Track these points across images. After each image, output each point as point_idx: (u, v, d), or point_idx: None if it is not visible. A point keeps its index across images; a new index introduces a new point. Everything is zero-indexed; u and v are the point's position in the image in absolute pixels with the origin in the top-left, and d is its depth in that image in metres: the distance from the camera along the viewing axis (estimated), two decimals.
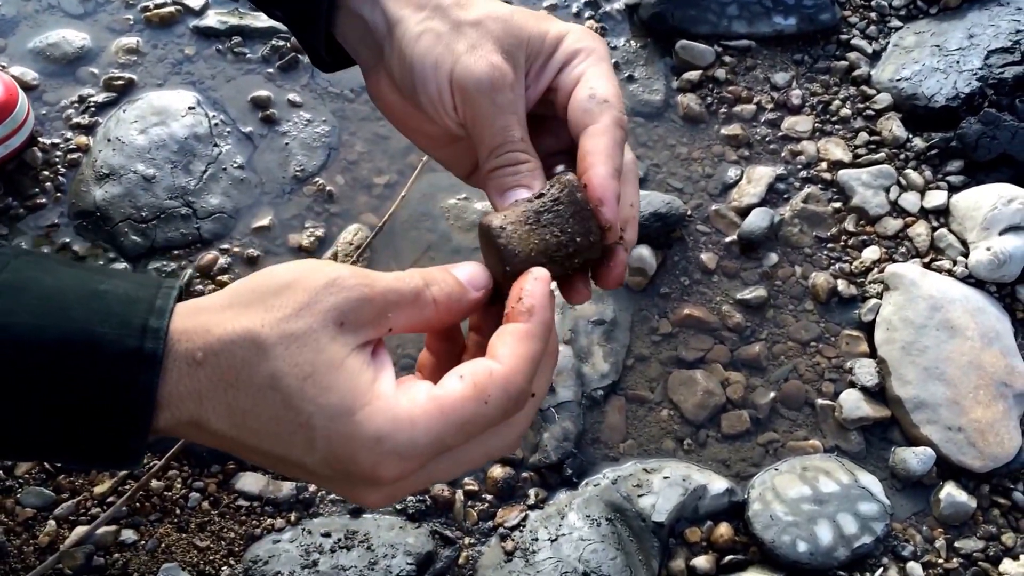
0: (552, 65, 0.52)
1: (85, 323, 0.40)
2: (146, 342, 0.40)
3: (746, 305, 1.07)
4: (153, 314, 0.41)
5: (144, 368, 0.40)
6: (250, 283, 0.43)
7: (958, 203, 1.14)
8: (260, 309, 0.41)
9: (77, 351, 0.40)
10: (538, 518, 0.91)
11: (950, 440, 0.99)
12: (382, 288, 0.43)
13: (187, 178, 1.05)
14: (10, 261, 0.42)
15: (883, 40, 1.30)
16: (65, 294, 0.41)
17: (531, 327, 0.44)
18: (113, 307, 0.41)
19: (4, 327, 0.40)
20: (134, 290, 0.42)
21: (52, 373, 0.40)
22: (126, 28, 1.17)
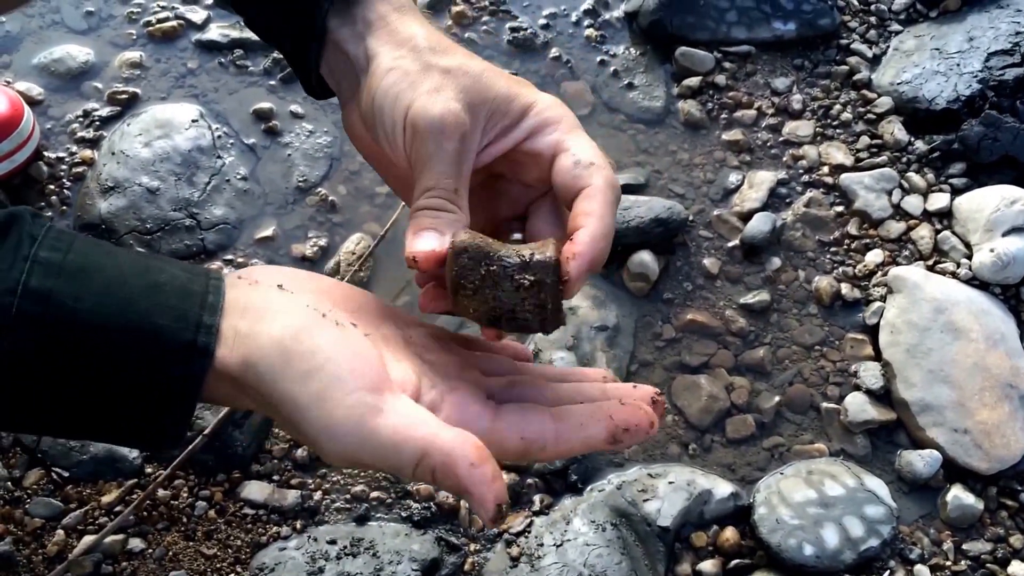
0: (519, 131, 0.53)
1: (147, 315, 0.44)
2: (200, 336, 0.44)
3: (749, 310, 1.07)
4: (206, 310, 0.45)
5: (197, 357, 0.44)
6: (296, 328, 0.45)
7: (961, 205, 1.15)
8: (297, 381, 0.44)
9: (137, 340, 0.43)
10: (543, 524, 0.91)
11: (956, 442, 0.99)
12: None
13: (191, 190, 1.06)
14: (73, 241, 0.45)
15: (883, 44, 1.31)
16: (128, 284, 0.44)
17: None
18: (171, 300, 0.44)
19: (72, 311, 0.43)
20: (187, 282, 0.46)
21: (113, 357, 0.43)
22: (129, 43, 1.19)
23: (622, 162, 1.16)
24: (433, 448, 0.44)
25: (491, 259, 0.48)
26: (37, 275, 0.43)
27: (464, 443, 0.44)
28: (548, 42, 1.26)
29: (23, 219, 0.45)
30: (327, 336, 0.45)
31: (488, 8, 1.28)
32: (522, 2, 1.29)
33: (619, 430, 0.49)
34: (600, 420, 0.49)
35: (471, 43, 1.24)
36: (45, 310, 0.42)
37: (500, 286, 0.48)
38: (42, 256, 0.43)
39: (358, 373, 0.45)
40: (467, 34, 1.25)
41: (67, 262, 0.44)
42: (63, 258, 0.44)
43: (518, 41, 1.25)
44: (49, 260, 0.43)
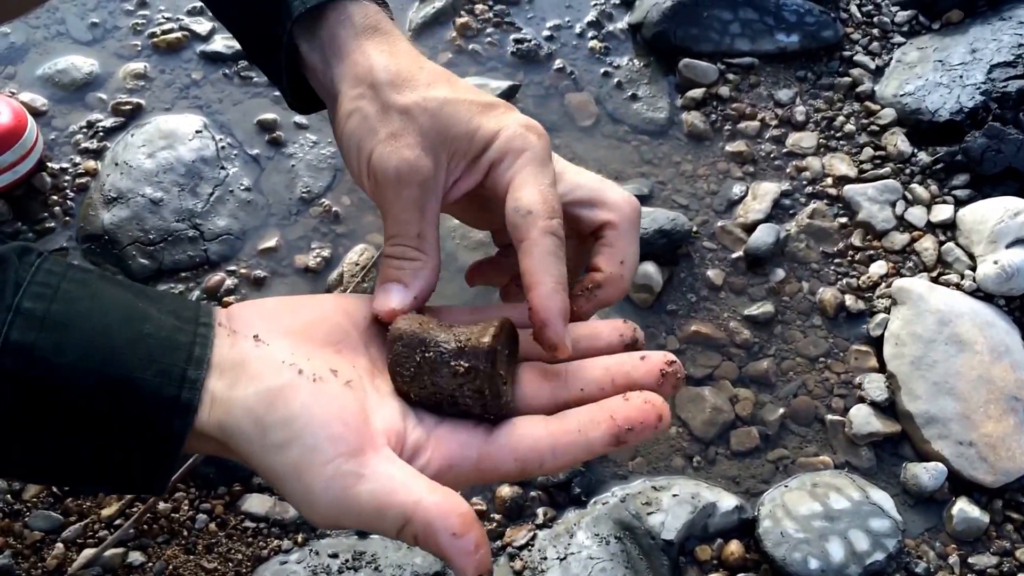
0: (480, 165, 0.51)
1: (129, 369, 0.42)
2: (183, 392, 0.43)
3: (754, 321, 1.06)
4: (191, 364, 0.44)
5: (179, 415, 0.43)
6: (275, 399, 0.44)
7: (964, 217, 1.14)
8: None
9: (119, 395, 0.42)
10: (547, 537, 0.90)
11: (961, 455, 0.98)
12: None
13: (194, 201, 1.06)
14: (60, 284, 0.44)
15: (886, 56, 1.30)
16: (111, 335, 0.43)
17: None
18: (155, 353, 0.43)
19: (54, 366, 0.41)
20: (174, 332, 0.44)
21: (93, 412, 0.42)
22: (134, 54, 1.18)
23: (626, 173, 1.16)
24: (416, 516, 0.43)
25: (427, 345, 0.48)
26: (19, 328, 0.41)
27: (447, 512, 0.43)
28: (552, 53, 1.26)
29: (8, 263, 0.43)
30: (303, 399, 0.44)
31: (492, 20, 1.27)
32: (526, 14, 1.29)
33: (622, 430, 0.46)
34: (600, 423, 0.47)
35: (475, 54, 1.24)
36: (26, 365, 0.41)
37: (437, 372, 0.47)
38: (25, 307, 0.42)
39: (336, 438, 0.43)
40: (471, 46, 1.24)
41: (51, 312, 0.42)
42: (47, 308, 0.42)
43: (522, 52, 1.24)
44: (32, 311, 0.42)
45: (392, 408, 0.48)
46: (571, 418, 0.48)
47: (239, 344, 0.46)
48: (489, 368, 0.47)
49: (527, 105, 1.20)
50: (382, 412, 0.47)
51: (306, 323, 0.49)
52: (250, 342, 0.46)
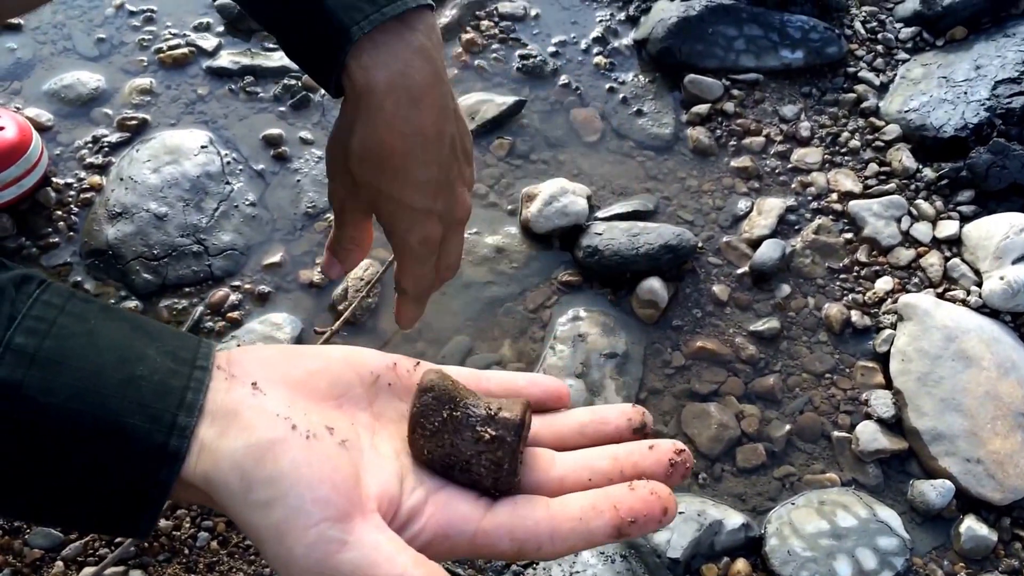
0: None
1: (119, 414, 0.41)
2: (172, 440, 0.41)
3: (759, 337, 1.05)
4: (183, 410, 0.42)
5: (167, 463, 0.41)
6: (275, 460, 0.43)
7: (970, 233, 1.12)
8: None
9: (107, 439, 0.41)
10: None
11: (969, 472, 0.96)
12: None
13: (199, 216, 1.04)
14: (56, 319, 0.42)
15: (890, 72, 1.29)
16: (102, 376, 0.42)
17: None
18: (146, 398, 0.42)
19: (41, 406, 0.40)
20: (168, 376, 0.43)
21: (80, 456, 0.41)
22: (140, 70, 1.17)
23: (631, 188, 1.15)
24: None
25: (456, 405, 0.46)
26: (7, 365, 0.40)
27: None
28: (557, 69, 1.25)
29: (4, 294, 0.42)
30: (293, 457, 0.42)
31: (498, 36, 1.26)
32: (532, 30, 1.28)
33: (625, 523, 0.45)
34: (603, 512, 0.45)
35: (481, 70, 1.23)
36: (12, 404, 0.40)
37: (460, 434, 0.46)
38: (16, 343, 0.41)
39: (323, 501, 0.41)
40: (477, 61, 1.24)
41: (42, 349, 0.41)
42: (39, 344, 0.41)
43: (527, 68, 1.23)
44: (23, 348, 0.41)
45: (389, 471, 0.46)
46: (573, 503, 0.46)
47: (235, 390, 0.44)
48: (515, 442, 0.46)
49: (532, 120, 1.19)
50: (377, 474, 0.45)
51: (308, 373, 0.47)
52: (247, 389, 0.44)
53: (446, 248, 0.67)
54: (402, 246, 0.64)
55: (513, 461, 0.46)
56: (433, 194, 0.63)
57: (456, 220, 0.66)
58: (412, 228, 0.63)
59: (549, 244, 1.09)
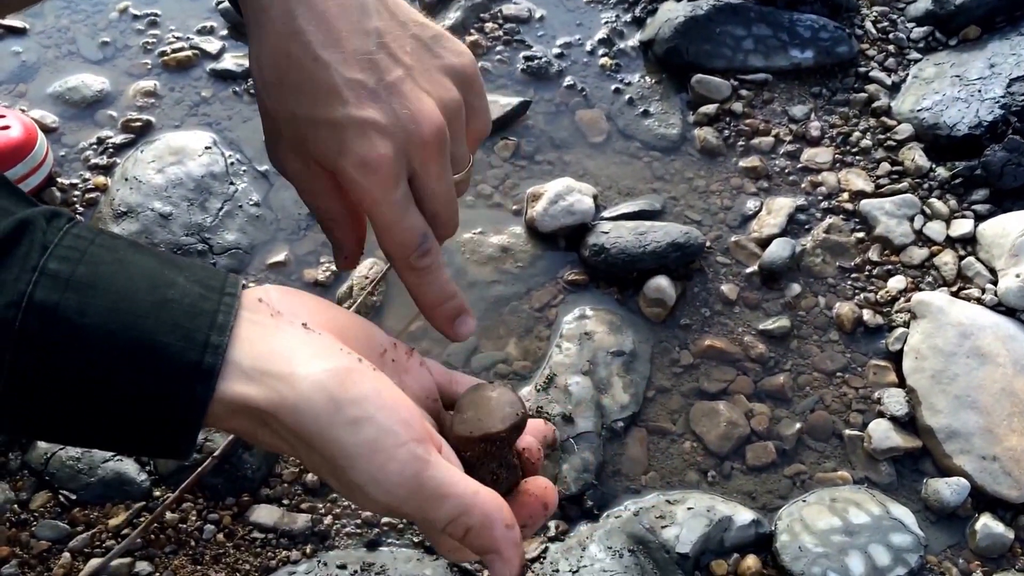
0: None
1: (152, 333, 0.44)
2: (206, 357, 0.45)
3: (769, 336, 1.10)
4: (215, 330, 0.45)
5: (202, 379, 0.45)
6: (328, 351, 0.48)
7: (985, 231, 1.18)
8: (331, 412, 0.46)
9: (142, 359, 0.44)
10: (559, 550, 0.94)
11: (984, 470, 1.01)
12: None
13: (203, 215, 1.11)
14: (88, 248, 0.46)
15: (902, 72, 1.36)
16: (136, 299, 0.45)
17: None
18: (179, 318, 0.45)
19: (78, 327, 0.43)
20: (199, 299, 0.46)
21: (117, 375, 0.44)
22: (144, 72, 1.25)
23: (637, 189, 1.21)
24: (474, 507, 0.47)
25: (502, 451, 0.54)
26: (43, 288, 0.43)
27: (501, 506, 0.48)
28: (562, 71, 1.32)
29: (35, 226, 0.45)
30: (371, 384, 0.47)
31: (502, 38, 1.33)
32: (536, 32, 1.35)
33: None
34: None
35: (485, 72, 1.30)
36: (50, 326, 0.43)
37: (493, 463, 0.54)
38: (51, 268, 0.44)
39: (406, 423, 0.47)
40: (481, 63, 1.31)
41: (76, 275, 0.44)
42: (72, 270, 0.44)
43: (532, 70, 1.30)
44: (57, 272, 0.44)
45: (429, 417, 0.52)
46: None
47: (287, 327, 0.48)
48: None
49: (537, 121, 1.26)
50: (426, 416, 0.52)
51: (342, 326, 0.52)
52: (299, 328, 0.49)
53: (424, 187, 0.55)
54: (345, 181, 0.54)
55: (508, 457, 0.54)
56: (359, 100, 0.52)
57: (415, 138, 0.53)
58: (343, 150, 0.53)
59: (555, 243, 1.15)
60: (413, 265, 0.56)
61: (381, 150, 0.52)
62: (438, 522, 0.47)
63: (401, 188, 0.54)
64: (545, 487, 0.55)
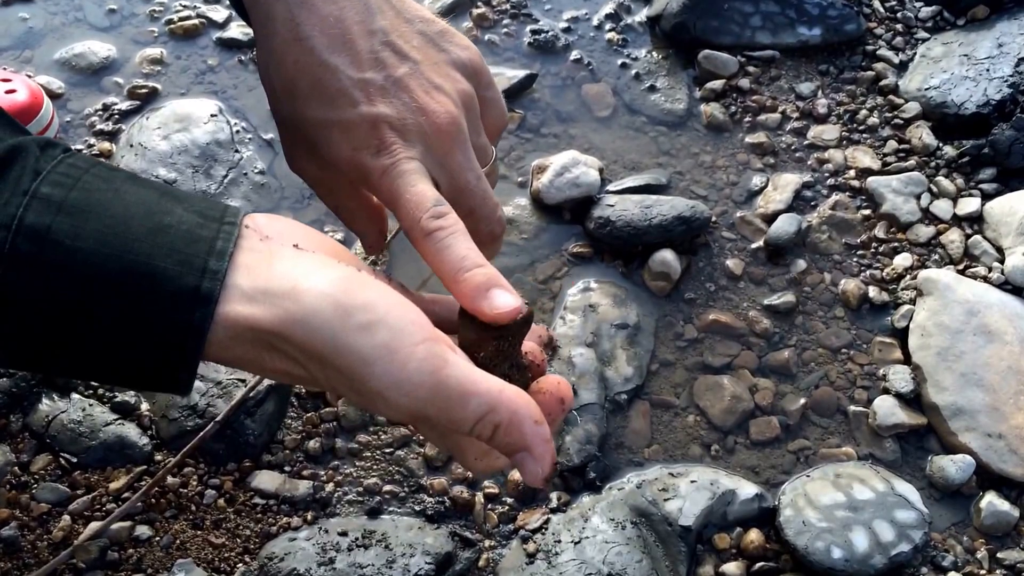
0: None
1: (148, 257, 0.42)
2: (204, 282, 0.42)
3: (774, 311, 1.08)
4: (213, 256, 0.43)
5: (200, 304, 0.42)
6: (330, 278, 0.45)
7: (992, 210, 1.15)
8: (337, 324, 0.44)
9: (138, 283, 0.42)
10: (560, 521, 0.91)
11: (990, 448, 0.98)
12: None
13: (208, 182, 1.08)
14: (82, 176, 0.44)
15: (910, 51, 1.33)
16: (131, 224, 0.43)
17: None
18: (176, 244, 0.43)
19: (70, 250, 0.41)
20: (196, 227, 0.44)
21: (112, 300, 0.42)
22: (150, 40, 1.22)
23: (643, 163, 1.18)
24: (501, 404, 0.44)
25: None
26: (35, 211, 0.41)
27: (528, 402, 0.46)
28: (569, 45, 1.28)
29: (28, 152, 0.43)
30: (376, 290, 0.45)
31: (509, 11, 1.30)
32: (543, 6, 1.32)
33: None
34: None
35: (492, 45, 1.27)
36: (41, 248, 0.41)
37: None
38: (43, 192, 0.42)
39: (419, 324, 0.44)
40: (488, 36, 1.28)
41: (69, 199, 0.42)
42: (65, 195, 0.42)
43: (539, 43, 1.27)
44: (50, 196, 0.42)
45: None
46: None
47: (279, 249, 0.46)
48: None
49: (544, 95, 1.23)
50: None
51: (332, 250, 0.50)
52: (291, 249, 0.46)
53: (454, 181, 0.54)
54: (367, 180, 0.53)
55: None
56: (369, 98, 0.52)
57: (430, 131, 0.53)
58: (359, 147, 0.52)
59: (560, 216, 1.12)
60: (425, 228, 0.50)
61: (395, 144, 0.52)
62: (465, 422, 0.44)
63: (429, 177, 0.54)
64: (558, 383, 0.52)
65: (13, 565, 0.83)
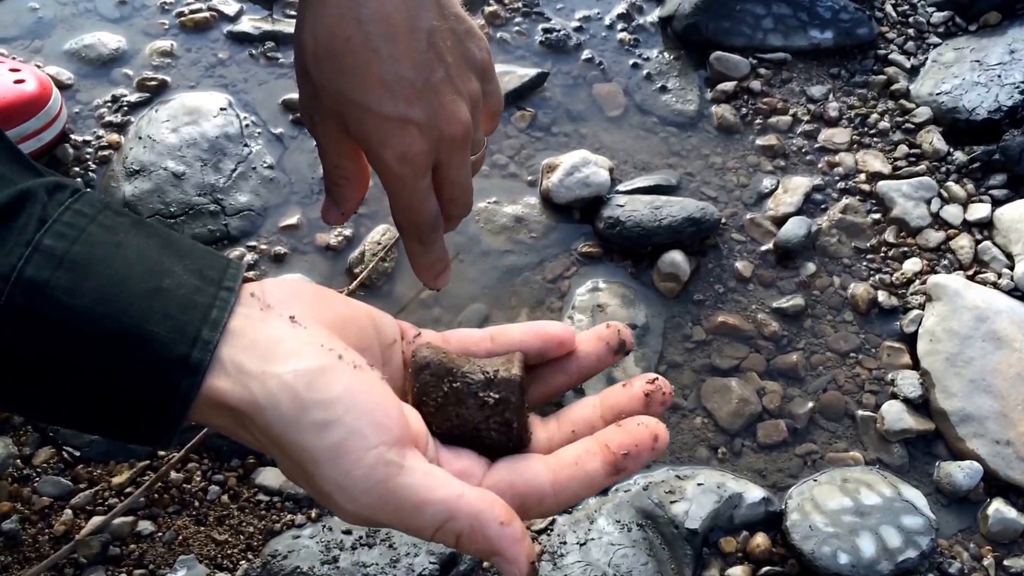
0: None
1: (142, 320, 0.41)
2: (195, 352, 0.42)
3: (783, 314, 1.06)
4: (207, 325, 0.43)
5: (188, 374, 0.42)
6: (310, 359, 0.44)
7: (1002, 216, 1.13)
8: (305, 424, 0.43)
9: (130, 346, 0.41)
10: (566, 522, 0.89)
11: (998, 454, 0.96)
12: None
13: (216, 176, 1.06)
14: (87, 227, 0.43)
15: (921, 56, 1.30)
16: (128, 284, 0.42)
17: None
18: (171, 309, 0.42)
19: (66, 307, 0.41)
20: (193, 292, 0.43)
21: (102, 360, 0.41)
22: (161, 32, 1.20)
23: (653, 164, 1.16)
24: (459, 511, 0.42)
25: (454, 375, 0.48)
26: (35, 264, 0.41)
27: (492, 503, 0.43)
28: (581, 44, 1.26)
29: (35, 199, 0.42)
30: (345, 383, 0.43)
31: (521, 9, 1.28)
32: (555, 4, 1.30)
33: (618, 457, 0.47)
34: (595, 453, 0.47)
35: (503, 43, 1.25)
36: (37, 303, 0.40)
37: (464, 403, 0.47)
38: (45, 244, 0.41)
39: (379, 426, 0.43)
40: (499, 34, 1.25)
41: (71, 253, 0.42)
42: (68, 248, 0.42)
43: (550, 42, 1.25)
44: (52, 249, 0.41)
45: (417, 416, 0.48)
46: (567, 452, 0.48)
47: (273, 321, 0.45)
48: (519, 399, 0.47)
49: (555, 94, 1.21)
50: (412, 415, 0.47)
51: (340, 318, 0.48)
52: (285, 321, 0.45)
53: (446, 176, 0.59)
54: (380, 166, 0.57)
55: (521, 417, 0.48)
56: (406, 99, 0.54)
57: (447, 136, 0.56)
58: (385, 141, 0.55)
59: (569, 215, 1.10)
60: (423, 240, 0.62)
61: (419, 146, 0.55)
62: (423, 531, 0.43)
63: (428, 178, 0.58)
64: (645, 390, 0.51)
65: (14, 559, 0.81)
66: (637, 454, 0.47)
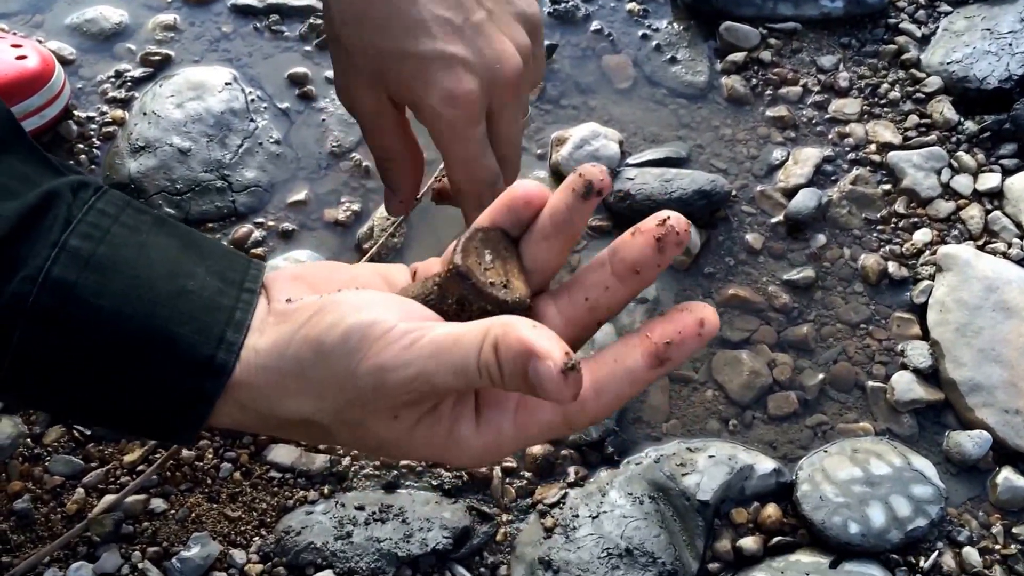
0: None
1: (167, 322, 0.42)
2: (219, 353, 0.42)
3: (793, 286, 1.05)
4: (231, 327, 0.43)
5: (212, 375, 0.42)
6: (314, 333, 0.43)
7: (1012, 186, 1.12)
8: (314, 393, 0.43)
9: (156, 347, 0.42)
10: (578, 495, 0.89)
11: (1007, 423, 0.96)
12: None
13: (223, 152, 1.05)
14: (111, 227, 0.43)
15: (932, 25, 1.28)
16: (153, 286, 0.42)
17: None
18: (196, 311, 0.43)
19: (93, 308, 0.41)
20: (217, 293, 0.44)
21: (128, 361, 0.42)
22: (164, 6, 1.18)
23: (663, 136, 1.14)
24: (492, 325, 0.40)
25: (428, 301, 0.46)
26: (62, 265, 0.41)
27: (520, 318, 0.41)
28: (589, 15, 1.24)
29: (61, 199, 0.43)
30: (351, 296, 0.44)
31: None
32: None
33: (661, 347, 0.42)
34: (635, 346, 0.43)
35: None
36: (64, 304, 0.41)
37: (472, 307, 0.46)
38: (72, 245, 0.42)
39: (401, 314, 0.43)
40: None
41: (96, 254, 0.42)
42: (94, 249, 0.42)
43: (559, 13, 1.23)
44: (78, 250, 0.42)
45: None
46: (605, 352, 0.45)
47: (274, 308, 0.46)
48: (471, 288, 0.44)
49: (563, 66, 1.19)
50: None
51: (343, 282, 0.49)
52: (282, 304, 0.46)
53: (497, 131, 0.56)
54: (427, 115, 0.53)
55: (490, 293, 0.45)
56: (446, 35, 0.52)
57: (498, 78, 0.52)
58: (429, 83, 0.52)
59: None
60: (483, 203, 0.52)
61: (467, 85, 0.51)
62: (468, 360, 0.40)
63: (482, 126, 0.54)
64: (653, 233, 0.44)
65: (27, 538, 0.81)
66: (681, 341, 0.42)
